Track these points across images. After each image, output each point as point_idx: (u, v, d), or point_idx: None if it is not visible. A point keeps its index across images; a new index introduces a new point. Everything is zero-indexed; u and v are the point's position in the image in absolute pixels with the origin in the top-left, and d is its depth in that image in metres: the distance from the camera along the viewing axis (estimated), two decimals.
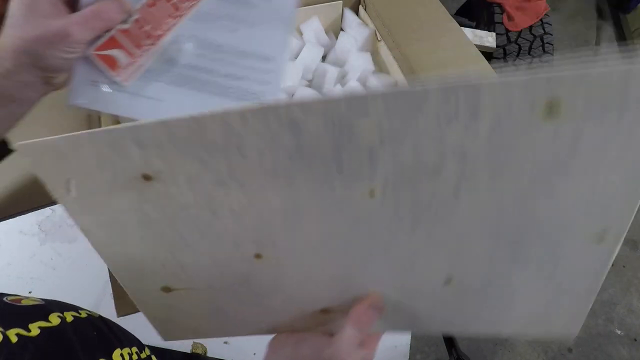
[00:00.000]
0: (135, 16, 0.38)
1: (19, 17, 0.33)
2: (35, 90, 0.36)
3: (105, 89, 0.38)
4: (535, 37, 1.15)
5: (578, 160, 0.25)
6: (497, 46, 1.12)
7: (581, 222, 0.28)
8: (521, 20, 1.14)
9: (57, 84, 0.38)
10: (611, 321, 1.53)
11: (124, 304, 0.43)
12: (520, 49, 1.14)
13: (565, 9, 2.31)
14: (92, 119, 0.60)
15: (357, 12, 0.81)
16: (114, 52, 0.38)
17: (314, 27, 0.76)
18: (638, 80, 0.22)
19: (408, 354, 0.78)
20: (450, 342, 0.98)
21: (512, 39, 1.14)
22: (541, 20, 1.16)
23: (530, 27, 1.15)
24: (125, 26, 0.38)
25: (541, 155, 0.25)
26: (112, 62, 0.38)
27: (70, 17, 0.35)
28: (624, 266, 1.63)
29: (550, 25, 1.18)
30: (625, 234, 0.29)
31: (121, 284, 0.41)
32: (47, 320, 0.38)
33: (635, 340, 1.51)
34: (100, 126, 0.61)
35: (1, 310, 0.36)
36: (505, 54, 1.14)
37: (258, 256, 0.37)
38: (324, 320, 0.40)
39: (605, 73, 0.22)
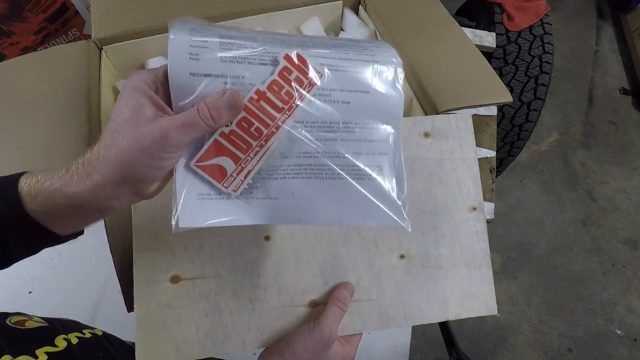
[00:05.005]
0: (240, 115, 0.32)
1: (122, 122, 0.29)
2: (121, 201, 0.31)
3: (215, 200, 0.33)
4: (535, 37, 1.15)
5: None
6: (497, 46, 1.12)
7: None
8: (521, 20, 1.14)
9: (148, 194, 0.33)
10: (611, 321, 1.53)
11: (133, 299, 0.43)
12: (520, 49, 1.14)
13: (565, 9, 2.31)
14: (93, 119, 0.60)
15: (357, 12, 0.81)
16: (219, 161, 0.32)
17: (314, 27, 0.76)
18: None
19: (408, 354, 0.78)
20: (450, 342, 0.98)
21: (512, 39, 1.14)
22: (541, 20, 1.16)
23: (530, 27, 1.15)
24: (228, 128, 0.32)
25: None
26: (217, 172, 0.33)
27: (171, 118, 0.30)
28: (623, 266, 1.63)
29: (550, 25, 1.18)
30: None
31: (134, 271, 0.43)
32: (54, 344, 0.39)
33: (635, 340, 1.51)
34: (100, 126, 0.60)
35: (8, 335, 0.36)
36: (505, 54, 1.14)
37: (267, 238, 0.46)
38: (310, 317, 0.45)
39: None
